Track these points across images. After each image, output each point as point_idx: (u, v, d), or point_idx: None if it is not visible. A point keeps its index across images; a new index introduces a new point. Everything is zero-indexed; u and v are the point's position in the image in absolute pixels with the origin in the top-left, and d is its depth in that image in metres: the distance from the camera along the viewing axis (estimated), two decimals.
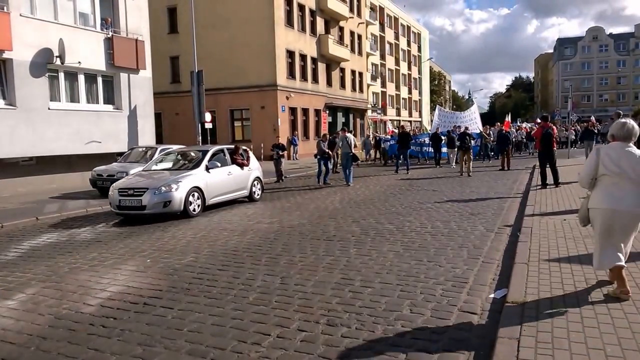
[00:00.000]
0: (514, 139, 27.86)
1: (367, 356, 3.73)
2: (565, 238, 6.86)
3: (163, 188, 10.24)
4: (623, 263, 4.44)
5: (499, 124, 31.27)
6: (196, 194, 10.77)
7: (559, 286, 4.81)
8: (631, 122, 4.49)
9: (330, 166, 17.41)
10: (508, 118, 31.82)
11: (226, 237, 8.36)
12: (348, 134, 16.60)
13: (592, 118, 27.17)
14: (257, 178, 13.26)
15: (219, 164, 11.76)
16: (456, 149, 21.82)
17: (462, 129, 20.10)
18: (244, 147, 13.73)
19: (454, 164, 21.99)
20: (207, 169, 11.39)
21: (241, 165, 12.65)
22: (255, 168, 13.28)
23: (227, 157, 12.54)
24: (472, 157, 18.88)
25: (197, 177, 11.03)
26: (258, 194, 13.19)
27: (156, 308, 4.94)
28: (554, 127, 15.55)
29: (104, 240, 8.59)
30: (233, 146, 13.29)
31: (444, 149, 23.66)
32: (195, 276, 6.03)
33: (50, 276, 6.32)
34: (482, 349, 3.76)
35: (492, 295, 4.92)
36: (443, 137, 23.48)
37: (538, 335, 3.73)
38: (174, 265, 6.60)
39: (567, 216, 8.42)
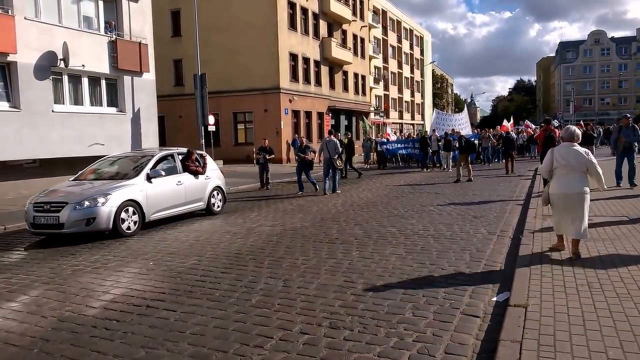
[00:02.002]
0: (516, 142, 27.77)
1: (369, 359, 3.74)
2: (567, 241, 6.85)
3: (86, 202, 8.62)
4: (563, 234, 6.16)
5: (499, 127, 31.23)
6: (131, 209, 9.15)
7: (561, 289, 4.81)
8: (573, 127, 6.21)
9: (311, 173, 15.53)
10: (506, 122, 31.71)
11: (229, 240, 8.37)
12: (332, 138, 14.91)
13: (582, 122, 27.16)
14: (218, 187, 11.68)
15: (163, 173, 10.17)
16: (451, 152, 21.93)
17: (452, 132, 20.24)
18: (200, 152, 12.08)
19: (449, 167, 22.12)
20: (149, 178, 9.76)
21: (195, 173, 11.05)
22: (214, 176, 11.72)
23: (178, 163, 10.87)
24: (470, 160, 18.80)
25: (134, 188, 9.39)
26: (218, 206, 11.63)
27: (159, 310, 4.96)
28: (556, 130, 15.53)
29: (106, 242, 8.61)
30: (185, 150, 11.49)
31: (441, 152, 23.61)
32: (198, 279, 6.05)
33: (53, 278, 6.34)
34: (484, 352, 3.77)
35: (494, 298, 4.93)
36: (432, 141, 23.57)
37: (540, 338, 3.73)
38: (177, 268, 6.61)
39: None
